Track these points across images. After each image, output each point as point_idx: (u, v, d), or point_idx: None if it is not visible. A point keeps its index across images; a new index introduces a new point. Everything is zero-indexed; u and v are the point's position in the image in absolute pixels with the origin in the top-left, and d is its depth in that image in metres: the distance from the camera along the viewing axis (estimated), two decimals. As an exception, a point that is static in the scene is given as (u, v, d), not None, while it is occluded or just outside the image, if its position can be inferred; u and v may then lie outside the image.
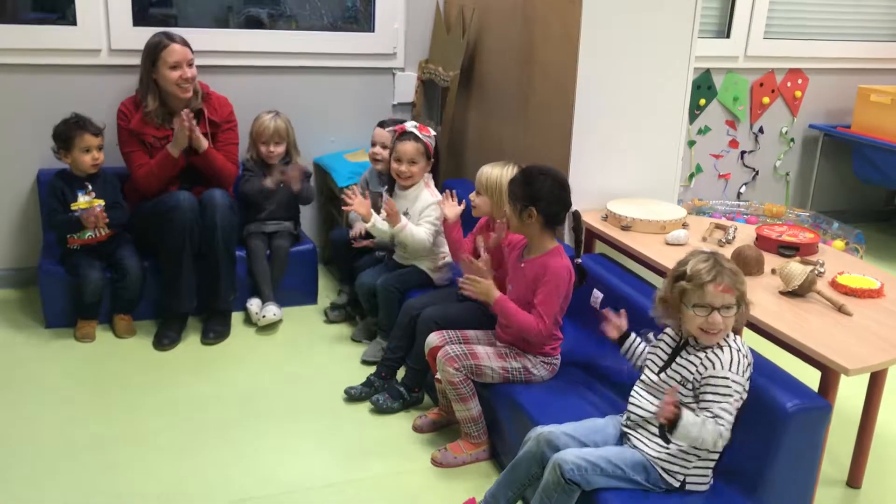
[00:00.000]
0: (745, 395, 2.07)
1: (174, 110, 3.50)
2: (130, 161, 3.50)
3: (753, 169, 5.22)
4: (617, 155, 3.29)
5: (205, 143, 3.49)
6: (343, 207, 3.29)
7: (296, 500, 2.49)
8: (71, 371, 3.19)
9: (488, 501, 2.32)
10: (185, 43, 3.45)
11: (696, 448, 2.08)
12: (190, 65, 3.44)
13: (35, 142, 3.64)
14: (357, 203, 3.20)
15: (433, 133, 3.33)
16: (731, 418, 2.01)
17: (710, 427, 1.99)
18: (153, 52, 3.41)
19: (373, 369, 3.11)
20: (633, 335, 2.40)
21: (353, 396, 3.03)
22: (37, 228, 3.81)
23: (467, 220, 3.05)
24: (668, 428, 2.01)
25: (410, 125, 3.31)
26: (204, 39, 3.80)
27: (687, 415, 2.00)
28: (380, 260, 3.48)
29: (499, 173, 2.89)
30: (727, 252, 2.69)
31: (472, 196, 2.98)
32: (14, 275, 3.88)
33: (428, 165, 3.31)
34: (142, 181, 3.48)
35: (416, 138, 3.25)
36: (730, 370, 2.03)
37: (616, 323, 2.40)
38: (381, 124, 3.65)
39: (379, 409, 2.95)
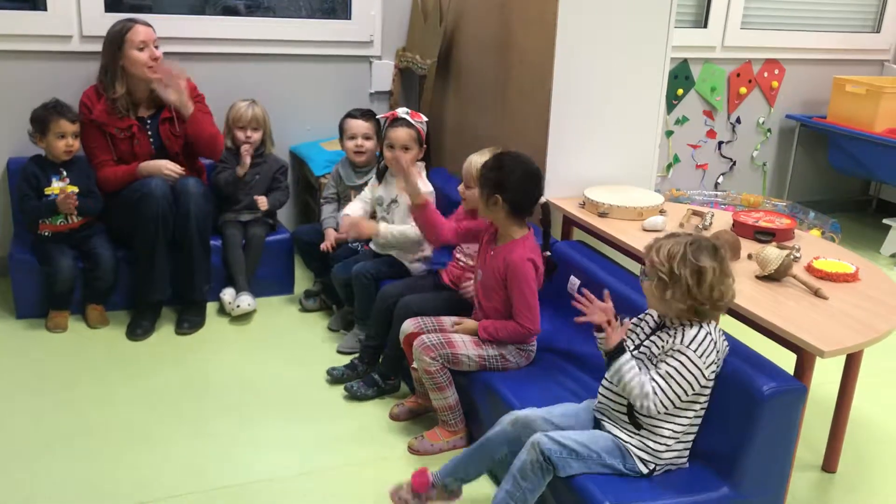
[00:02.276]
0: (702, 381, 2.04)
1: (139, 100, 3.45)
2: (92, 155, 3.45)
3: (731, 159, 5.24)
4: (594, 143, 3.28)
5: (190, 107, 3.44)
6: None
7: (271, 489, 2.46)
8: (43, 362, 3.13)
9: (441, 477, 2.29)
10: (148, 25, 3.40)
11: (663, 435, 2.08)
12: (156, 46, 3.39)
13: (4, 130, 3.58)
14: (350, 229, 3.16)
15: (425, 119, 3.29)
16: (669, 390, 2.01)
17: (641, 380, 2.03)
18: (118, 37, 3.34)
19: (348, 359, 3.10)
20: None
21: (335, 378, 3.03)
22: (7, 217, 3.73)
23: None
24: (607, 354, 2.09)
25: (402, 111, 3.27)
26: (177, 26, 3.76)
27: (629, 355, 2.07)
28: (355, 251, 3.45)
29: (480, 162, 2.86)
30: (704, 237, 2.70)
31: (461, 188, 2.94)
32: (-17, 265, 3.81)
33: (420, 152, 3.27)
34: (102, 181, 3.44)
35: (409, 124, 3.22)
36: (687, 346, 2.02)
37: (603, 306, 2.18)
38: (353, 116, 3.57)
39: (353, 396, 2.94)
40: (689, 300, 2.02)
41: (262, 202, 3.65)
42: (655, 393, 2.02)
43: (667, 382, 2.02)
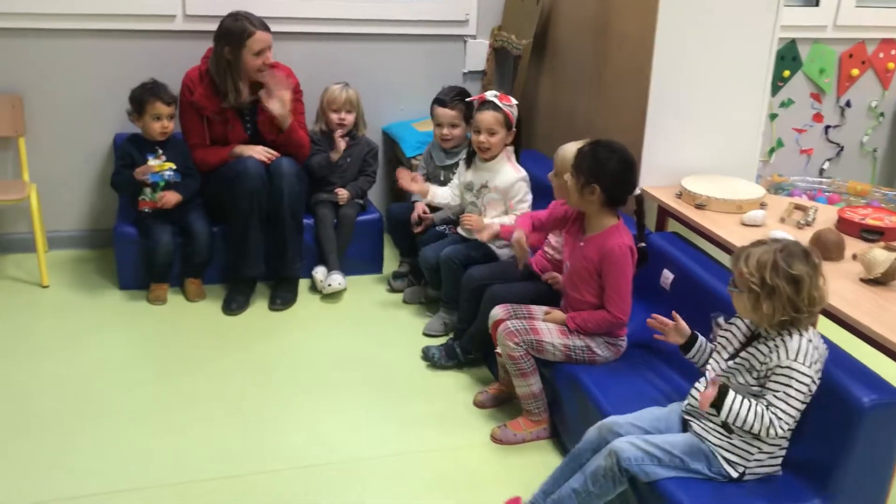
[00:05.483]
0: (813, 388, 1.98)
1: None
2: (187, 135, 3.56)
3: (838, 144, 5.00)
4: (694, 129, 3.17)
5: (288, 120, 3.50)
6: (398, 185, 3.29)
7: (357, 469, 2.51)
8: (142, 332, 3.26)
9: (539, 499, 2.24)
10: (265, 27, 3.43)
11: (758, 438, 2.02)
12: (270, 48, 3.44)
13: (111, 106, 3.71)
14: (406, 182, 3.25)
15: (514, 102, 3.24)
16: (791, 409, 1.95)
17: (758, 411, 1.96)
18: (238, 39, 3.36)
19: (434, 341, 3.17)
20: (699, 339, 2.26)
21: (428, 357, 3.12)
22: (112, 191, 3.88)
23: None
24: (714, 402, 1.99)
25: (491, 94, 3.23)
26: (270, 5, 3.78)
27: (733, 393, 1.99)
28: (443, 234, 3.45)
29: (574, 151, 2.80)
30: (806, 235, 2.58)
31: (550, 176, 2.90)
32: (91, 236, 3.98)
33: (509, 136, 3.23)
34: (197, 161, 3.55)
35: (496, 107, 3.18)
36: (794, 360, 1.95)
37: (676, 327, 2.27)
38: (441, 103, 3.53)
39: (432, 363, 3.03)
40: (790, 310, 1.94)
41: (343, 197, 3.70)
42: (779, 417, 1.95)
43: (785, 403, 1.96)
